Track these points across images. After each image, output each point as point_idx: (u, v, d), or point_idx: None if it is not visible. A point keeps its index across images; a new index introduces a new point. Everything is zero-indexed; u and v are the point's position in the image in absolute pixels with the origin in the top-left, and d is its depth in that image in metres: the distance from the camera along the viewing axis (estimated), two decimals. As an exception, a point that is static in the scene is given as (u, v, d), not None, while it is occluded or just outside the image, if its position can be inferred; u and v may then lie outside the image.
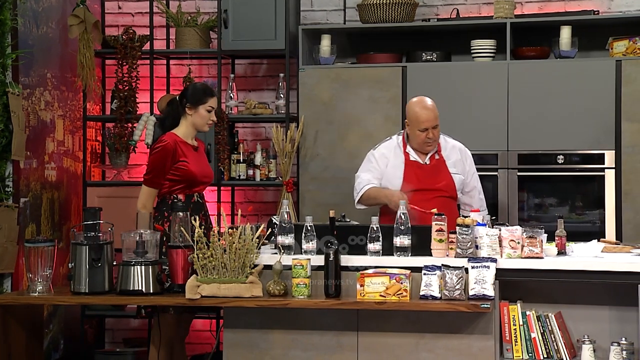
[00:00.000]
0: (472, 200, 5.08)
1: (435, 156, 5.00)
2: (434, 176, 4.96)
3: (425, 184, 4.94)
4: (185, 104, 4.87)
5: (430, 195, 4.91)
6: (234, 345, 4.40)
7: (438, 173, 4.98)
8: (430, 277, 4.16)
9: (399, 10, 5.97)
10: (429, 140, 4.92)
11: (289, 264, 4.26)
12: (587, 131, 5.66)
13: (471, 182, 5.09)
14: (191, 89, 4.94)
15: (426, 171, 4.97)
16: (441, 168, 4.99)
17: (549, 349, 4.24)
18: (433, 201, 4.85)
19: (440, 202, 4.87)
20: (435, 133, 4.92)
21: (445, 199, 4.95)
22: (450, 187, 4.98)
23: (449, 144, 5.07)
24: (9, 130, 5.09)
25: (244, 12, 6.07)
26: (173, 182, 4.82)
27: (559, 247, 4.39)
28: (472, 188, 5.09)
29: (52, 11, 5.84)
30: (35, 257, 4.40)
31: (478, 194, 5.12)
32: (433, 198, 4.89)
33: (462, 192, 5.07)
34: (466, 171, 5.06)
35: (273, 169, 6.16)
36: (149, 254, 4.39)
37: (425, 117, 4.90)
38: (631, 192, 5.59)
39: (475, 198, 5.10)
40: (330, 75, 5.98)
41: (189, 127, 4.90)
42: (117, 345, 6.52)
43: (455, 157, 5.04)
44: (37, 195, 5.61)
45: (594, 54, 5.94)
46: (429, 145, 4.95)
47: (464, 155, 5.09)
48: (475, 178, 5.12)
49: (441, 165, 4.99)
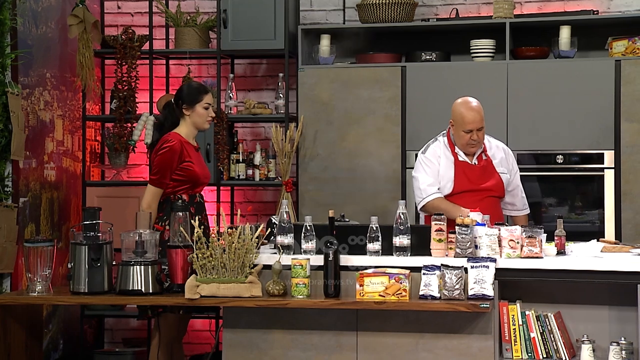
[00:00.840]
0: (514, 199, 5.05)
1: (482, 156, 4.95)
2: (483, 176, 4.92)
3: (475, 184, 4.90)
4: (182, 105, 4.88)
5: (481, 196, 4.88)
6: (234, 345, 4.40)
7: (487, 173, 4.94)
8: (430, 277, 4.16)
9: (398, 10, 5.97)
10: (472, 142, 4.86)
11: (288, 263, 4.26)
12: (586, 131, 5.67)
13: (514, 180, 5.04)
14: (185, 89, 4.95)
15: (476, 172, 4.92)
16: (489, 168, 4.95)
17: (549, 348, 4.24)
18: (483, 201, 4.83)
19: (489, 202, 4.86)
20: (480, 135, 4.86)
21: (494, 199, 4.93)
22: (499, 187, 4.94)
23: (493, 144, 5.02)
24: (8, 130, 5.09)
25: (243, 12, 6.07)
26: (178, 183, 4.82)
27: (558, 247, 4.39)
28: (515, 187, 5.05)
29: (51, 11, 5.84)
30: (35, 257, 4.40)
31: (520, 192, 5.08)
32: (483, 198, 4.87)
33: (506, 191, 5.01)
34: (510, 170, 5.02)
35: (272, 168, 6.15)
36: (148, 253, 4.39)
37: (471, 118, 4.83)
38: (630, 192, 5.59)
39: (518, 197, 5.07)
40: (329, 75, 5.98)
41: (189, 127, 4.91)
42: (117, 345, 6.51)
43: (500, 157, 5.00)
44: (36, 195, 5.60)
45: (593, 54, 5.94)
46: (473, 147, 4.89)
47: (507, 154, 5.04)
48: (518, 177, 5.07)
49: (489, 165, 4.95)
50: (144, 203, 4.77)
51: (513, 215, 5.08)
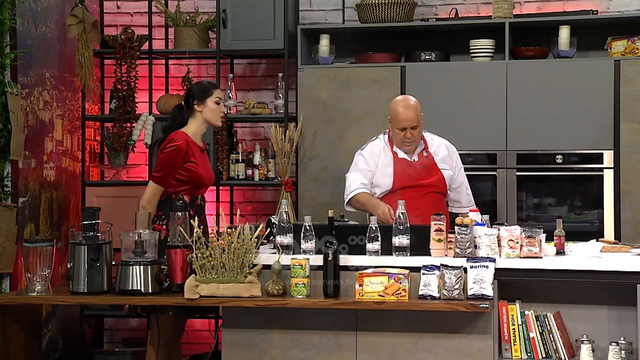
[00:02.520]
0: (460, 197, 5.11)
1: (423, 153, 5.01)
2: (424, 172, 4.98)
3: (416, 180, 4.95)
4: (193, 102, 4.87)
5: (422, 192, 4.93)
6: (233, 345, 4.40)
7: (428, 169, 4.99)
8: (429, 276, 4.16)
9: (397, 10, 5.97)
10: (406, 139, 4.92)
11: (287, 263, 4.26)
12: (585, 131, 5.67)
13: (458, 177, 5.10)
14: (195, 86, 4.98)
15: (416, 168, 4.98)
16: (430, 164, 5.00)
17: (548, 348, 4.24)
18: (425, 197, 4.89)
19: (431, 198, 4.91)
20: (415, 134, 4.91)
21: (437, 195, 4.98)
22: (441, 183, 4.99)
23: (435, 141, 5.07)
24: (8, 130, 5.09)
25: (242, 11, 6.07)
26: (180, 183, 4.80)
27: (557, 247, 4.39)
28: (459, 184, 5.11)
29: (50, 11, 5.84)
30: (34, 257, 4.40)
31: (465, 189, 5.13)
32: (425, 194, 4.92)
33: (450, 188, 5.07)
34: (454, 167, 5.07)
35: (272, 168, 6.16)
36: (147, 253, 4.39)
37: (404, 116, 4.90)
38: (630, 192, 5.59)
39: (462, 194, 5.12)
40: (329, 75, 5.98)
41: (199, 125, 4.89)
42: (116, 345, 6.51)
43: (442, 153, 5.05)
44: (35, 195, 5.60)
45: (592, 53, 5.94)
46: (407, 145, 4.95)
47: (451, 151, 5.09)
48: (462, 174, 5.13)
49: (430, 161, 5.00)
50: (143, 199, 4.77)
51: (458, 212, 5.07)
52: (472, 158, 5.72)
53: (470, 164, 5.64)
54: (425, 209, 4.65)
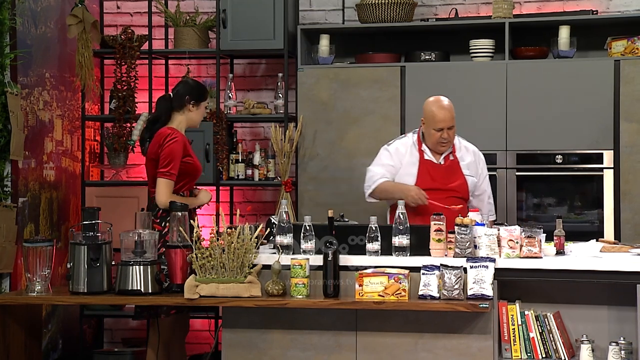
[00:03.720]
0: (481, 205, 5.04)
1: (449, 157, 4.97)
2: (447, 176, 4.94)
3: (438, 183, 4.92)
4: (190, 101, 4.85)
5: (443, 195, 4.89)
6: (233, 345, 4.40)
7: (452, 173, 4.95)
8: (429, 277, 4.16)
9: (397, 10, 5.97)
10: (443, 140, 4.88)
11: (287, 263, 4.26)
12: (585, 131, 5.67)
13: (482, 185, 5.05)
14: (194, 85, 4.93)
15: (440, 171, 4.94)
16: (455, 169, 4.96)
17: (548, 348, 4.24)
18: (446, 201, 4.85)
19: (452, 202, 4.87)
20: (450, 134, 4.88)
21: (458, 200, 4.93)
22: (463, 189, 4.95)
23: (463, 146, 5.04)
24: (8, 130, 5.09)
25: (242, 11, 6.07)
26: (179, 177, 4.76)
27: (557, 247, 4.39)
28: (482, 192, 5.06)
29: (50, 11, 5.84)
30: (34, 257, 4.40)
31: (487, 198, 5.09)
32: (446, 198, 4.89)
33: (472, 195, 5.03)
34: (478, 174, 5.03)
35: (272, 168, 6.16)
36: (147, 253, 4.39)
37: (442, 116, 4.86)
38: (630, 192, 5.59)
39: (484, 202, 5.07)
40: (329, 75, 5.98)
41: (183, 122, 4.86)
42: (116, 345, 6.51)
43: (469, 159, 5.01)
44: (35, 195, 5.60)
45: (592, 53, 5.94)
46: (443, 146, 4.92)
47: (477, 158, 5.05)
48: (487, 182, 5.08)
49: (455, 166, 4.97)
50: (161, 198, 4.65)
51: None
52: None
53: (470, 164, 5.64)
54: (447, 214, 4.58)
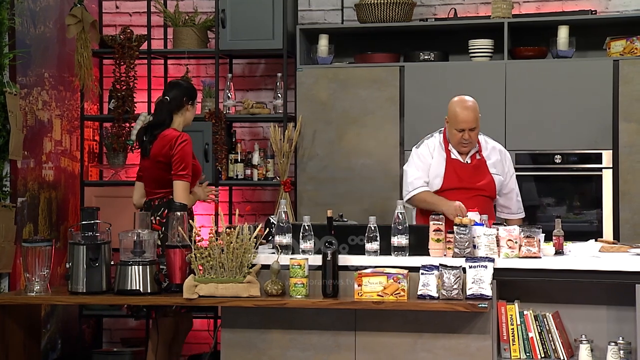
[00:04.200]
0: (509, 203, 5.03)
1: (476, 156, 4.95)
2: (474, 175, 4.92)
3: (465, 182, 4.90)
4: (188, 102, 4.93)
5: (470, 194, 4.87)
6: (232, 345, 4.39)
7: (479, 172, 4.93)
8: (428, 276, 4.16)
9: (396, 10, 5.97)
10: (464, 141, 4.86)
11: (286, 263, 4.26)
12: (584, 131, 5.67)
13: (509, 184, 5.02)
14: (188, 86, 5.03)
15: (467, 170, 4.92)
16: (482, 168, 4.94)
17: (547, 348, 4.24)
18: (472, 200, 4.82)
19: (479, 201, 4.84)
20: (472, 135, 4.85)
21: (485, 199, 4.91)
22: (490, 187, 4.93)
23: (489, 145, 5.01)
24: (7, 130, 5.09)
25: (241, 11, 6.07)
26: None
27: (556, 247, 4.39)
28: (510, 190, 5.03)
29: (49, 11, 5.83)
30: (33, 257, 4.40)
31: (516, 196, 5.05)
32: (473, 197, 4.86)
33: (500, 193, 5.01)
34: (505, 172, 5.00)
35: (271, 168, 6.15)
36: (146, 253, 4.39)
37: (464, 117, 4.83)
38: (629, 192, 5.59)
39: (513, 200, 5.04)
40: (328, 75, 5.98)
41: (182, 123, 4.96)
42: (115, 345, 6.51)
43: (495, 158, 4.98)
44: (34, 195, 5.60)
45: (591, 53, 5.94)
46: (464, 146, 4.89)
47: (504, 157, 5.03)
48: (514, 180, 5.05)
49: (482, 165, 4.94)
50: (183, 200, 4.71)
51: (508, 218, 5.05)
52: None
53: (469, 163, 5.64)
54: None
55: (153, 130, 4.91)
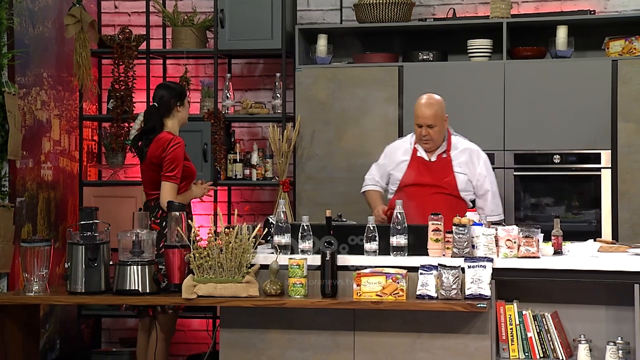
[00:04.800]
0: (484, 204, 5.04)
1: (442, 154, 5.00)
2: (436, 173, 4.98)
3: (425, 179, 4.96)
4: (176, 103, 4.98)
5: (430, 191, 4.93)
6: (231, 345, 4.39)
7: (442, 171, 4.98)
8: (427, 276, 4.16)
9: (395, 10, 5.98)
10: (423, 137, 4.95)
11: (285, 263, 4.26)
12: (583, 131, 5.67)
13: (483, 185, 5.03)
14: (175, 87, 5.07)
15: (430, 168, 4.99)
16: (445, 166, 4.99)
17: (545, 348, 4.24)
18: (433, 197, 4.90)
19: (438, 199, 4.89)
20: (432, 132, 4.92)
21: (446, 196, 4.95)
22: (451, 185, 4.97)
23: (461, 145, 5.05)
24: (5, 130, 5.09)
25: (240, 11, 6.07)
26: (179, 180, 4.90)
27: (555, 247, 4.39)
28: (484, 192, 5.04)
29: (48, 11, 5.83)
30: (32, 256, 4.40)
31: (491, 197, 5.05)
32: (433, 194, 4.93)
33: (476, 195, 5.04)
34: (476, 173, 5.01)
35: (270, 168, 6.15)
36: (145, 253, 4.39)
37: (420, 113, 4.94)
38: (627, 192, 5.59)
39: (487, 202, 5.04)
40: (326, 75, 5.98)
41: (175, 124, 5.01)
42: (114, 345, 6.51)
43: (463, 158, 5.01)
44: (33, 195, 5.60)
45: (590, 53, 5.95)
46: (425, 143, 4.97)
47: (475, 158, 5.04)
48: (488, 182, 5.04)
49: (447, 163, 4.99)
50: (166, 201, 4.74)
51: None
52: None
53: (468, 163, 5.64)
54: (430, 210, 4.60)
55: (148, 135, 4.98)
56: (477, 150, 5.09)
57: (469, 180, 5.01)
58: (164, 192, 4.81)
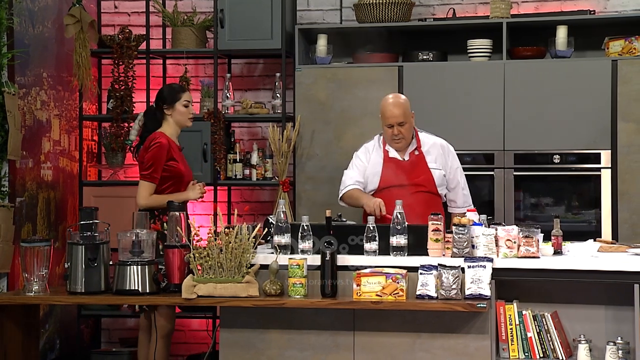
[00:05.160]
0: (455, 196, 5.11)
1: (414, 152, 5.03)
2: (412, 171, 4.99)
3: (403, 179, 4.97)
4: (163, 106, 5.02)
5: (410, 191, 4.94)
6: (231, 345, 4.39)
7: (417, 168, 5.00)
8: (427, 276, 4.16)
9: (395, 10, 5.97)
10: (395, 136, 4.96)
11: (285, 263, 4.26)
12: (583, 131, 5.67)
13: (455, 177, 5.09)
14: (165, 89, 5.12)
15: (405, 167, 5.00)
16: (420, 163, 5.01)
17: (545, 348, 4.24)
18: (414, 196, 4.90)
19: (420, 197, 4.91)
20: (403, 130, 4.94)
21: (426, 194, 4.97)
22: (429, 182, 4.99)
23: (430, 140, 5.08)
24: (5, 130, 5.09)
25: (240, 11, 6.07)
26: (163, 180, 4.94)
27: (555, 247, 4.39)
28: (456, 184, 5.09)
29: (48, 11, 5.83)
30: (31, 256, 4.40)
31: (462, 189, 5.12)
32: (413, 193, 4.93)
33: (448, 188, 5.08)
34: (448, 166, 5.06)
35: (269, 168, 6.15)
36: (145, 253, 4.39)
37: (390, 113, 4.95)
38: (627, 192, 5.59)
39: (458, 194, 5.11)
40: (326, 75, 5.98)
41: (172, 127, 5.04)
42: (113, 345, 6.51)
43: (435, 153, 5.05)
44: (33, 195, 5.60)
45: (590, 53, 5.95)
46: (397, 142, 4.98)
47: (446, 151, 5.08)
48: (459, 173, 5.11)
49: (420, 160, 5.01)
50: (140, 200, 4.88)
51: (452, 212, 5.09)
52: (469, 158, 5.72)
53: (468, 163, 5.64)
54: (413, 208, 4.65)
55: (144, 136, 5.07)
56: (446, 144, 5.11)
57: (444, 175, 5.04)
58: (138, 190, 4.91)
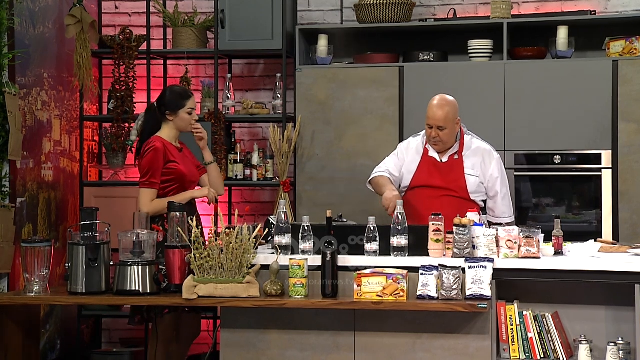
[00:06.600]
0: (494, 206, 4.98)
1: (454, 156, 4.94)
2: (446, 175, 4.91)
3: (435, 181, 4.91)
4: (165, 112, 4.92)
5: (438, 193, 4.88)
6: (231, 345, 4.40)
7: (452, 172, 4.92)
8: (428, 277, 4.16)
9: (396, 11, 5.98)
10: (433, 138, 4.87)
11: (286, 264, 4.26)
12: (584, 131, 5.67)
13: (493, 187, 4.95)
14: (168, 95, 4.97)
15: (440, 169, 4.93)
16: (457, 168, 4.92)
17: (546, 349, 4.24)
18: (440, 199, 4.84)
19: (446, 201, 4.84)
20: (442, 135, 4.84)
21: (453, 199, 4.89)
22: (461, 188, 4.91)
23: (473, 145, 4.98)
24: (6, 131, 5.09)
25: (241, 12, 6.07)
26: (166, 184, 4.87)
27: (555, 247, 4.39)
28: (495, 194, 4.96)
29: (48, 11, 5.83)
30: (32, 257, 4.40)
31: (501, 199, 4.97)
32: (441, 196, 4.87)
33: (487, 196, 4.98)
34: (488, 175, 4.94)
35: (270, 169, 6.16)
36: (146, 254, 4.39)
37: (432, 114, 4.85)
38: (628, 192, 5.59)
39: (497, 204, 4.97)
40: (327, 76, 5.98)
41: (172, 130, 4.96)
42: (114, 346, 6.51)
43: (475, 160, 4.94)
44: (33, 195, 5.60)
45: (590, 54, 5.95)
46: (435, 144, 4.91)
47: (488, 159, 4.96)
48: (499, 183, 4.96)
49: (458, 165, 4.93)
50: (143, 207, 4.79)
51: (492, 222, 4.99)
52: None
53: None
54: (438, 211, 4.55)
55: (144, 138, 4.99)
56: (490, 151, 4.99)
57: (481, 183, 4.94)
58: (139, 198, 4.83)
